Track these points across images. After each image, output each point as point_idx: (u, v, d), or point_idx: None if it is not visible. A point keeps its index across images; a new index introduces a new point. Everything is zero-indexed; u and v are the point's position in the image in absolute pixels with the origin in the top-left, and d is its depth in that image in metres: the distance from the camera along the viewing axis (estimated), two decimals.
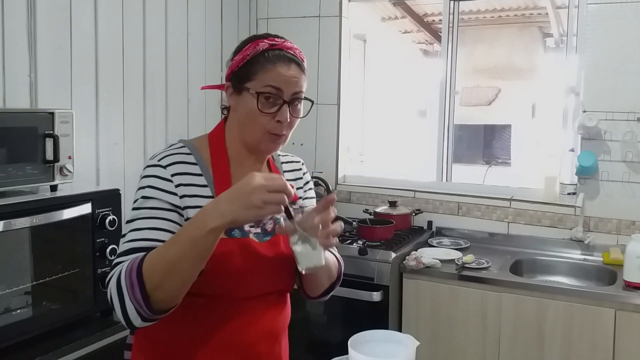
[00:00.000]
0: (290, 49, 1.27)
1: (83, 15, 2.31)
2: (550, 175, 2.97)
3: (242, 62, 1.25)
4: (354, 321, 2.61)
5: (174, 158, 1.24)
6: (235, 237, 1.22)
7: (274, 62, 1.23)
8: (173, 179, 1.21)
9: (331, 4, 3.32)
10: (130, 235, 1.17)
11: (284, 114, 1.23)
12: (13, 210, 1.69)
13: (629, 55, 2.70)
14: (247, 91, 1.23)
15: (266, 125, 1.24)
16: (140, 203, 1.19)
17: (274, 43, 1.25)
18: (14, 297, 1.73)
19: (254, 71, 1.23)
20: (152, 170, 1.22)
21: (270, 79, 1.22)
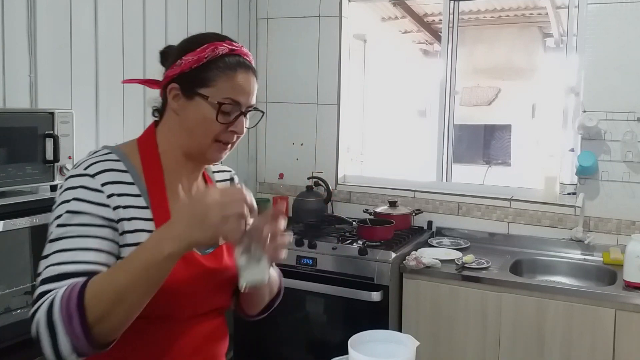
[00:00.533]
0: (247, 55, 1.19)
1: (83, 15, 2.31)
2: (550, 175, 2.97)
3: (196, 64, 1.14)
4: (354, 321, 2.61)
5: (102, 165, 1.10)
6: None
7: (234, 70, 1.15)
8: (104, 189, 1.08)
9: (331, 4, 3.32)
10: (56, 258, 1.02)
11: (241, 125, 1.17)
12: (13, 210, 1.69)
13: (629, 55, 2.71)
14: (203, 98, 1.13)
15: (219, 134, 1.15)
16: (66, 219, 1.05)
17: (233, 48, 1.16)
18: (14, 297, 1.73)
19: (212, 77, 1.13)
20: (77, 180, 1.08)
21: (230, 89, 1.14)
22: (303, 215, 3.14)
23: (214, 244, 1.10)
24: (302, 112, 3.41)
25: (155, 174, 1.17)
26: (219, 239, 0.98)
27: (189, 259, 1.13)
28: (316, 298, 2.71)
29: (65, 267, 1.01)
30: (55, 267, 1.01)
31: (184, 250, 0.97)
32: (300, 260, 2.72)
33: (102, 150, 1.16)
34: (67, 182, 1.10)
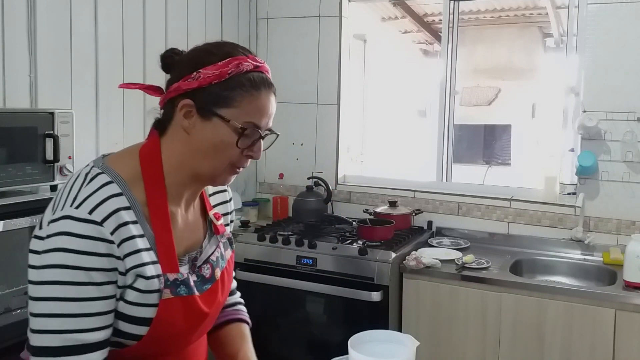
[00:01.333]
0: (269, 72, 1.10)
1: (83, 15, 2.31)
2: (550, 175, 2.97)
3: (217, 80, 1.02)
4: (354, 321, 2.61)
5: (108, 207, 0.98)
6: (181, 295, 1.06)
7: (258, 89, 1.05)
8: (113, 237, 0.97)
9: (331, 4, 3.32)
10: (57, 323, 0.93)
11: (259, 150, 1.08)
12: (13, 210, 1.69)
13: (629, 55, 2.70)
14: (222, 120, 1.02)
15: (234, 159, 1.06)
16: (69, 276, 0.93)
17: (257, 64, 1.06)
18: (14, 297, 1.73)
19: (235, 97, 1.03)
20: (81, 227, 0.95)
21: (254, 111, 1.04)
22: (303, 215, 3.14)
23: (189, 270, 1.09)
24: (302, 112, 3.41)
25: (161, 206, 1.05)
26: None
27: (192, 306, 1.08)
28: (316, 298, 2.71)
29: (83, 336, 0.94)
30: (64, 336, 0.93)
31: None
32: (300, 260, 2.72)
33: (100, 176, 1.02)
34: (65, 224, 0.95)
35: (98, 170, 1.03)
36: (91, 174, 1.03)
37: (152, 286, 1.02)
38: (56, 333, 0.93)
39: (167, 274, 1.05)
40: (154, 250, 1.03)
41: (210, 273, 1.15)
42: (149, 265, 1.02)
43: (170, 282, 1.05)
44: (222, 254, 1.21)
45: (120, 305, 1.01)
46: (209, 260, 1.16)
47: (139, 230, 1.01)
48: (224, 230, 1.24)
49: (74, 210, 0.96)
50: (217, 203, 1.26)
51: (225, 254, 1.22)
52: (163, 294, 1.03)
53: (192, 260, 1.13)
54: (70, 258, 0.94)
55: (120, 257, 0.98)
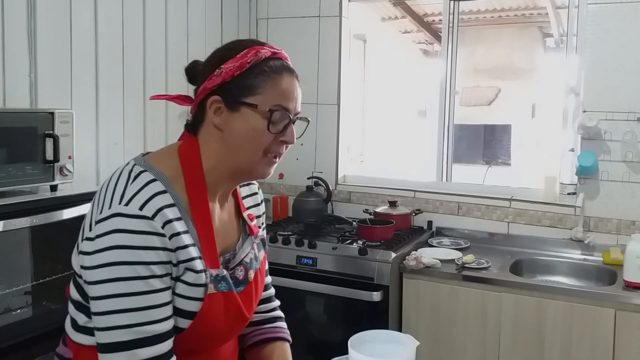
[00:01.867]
0: (288, 59, 1.12)
1: (83, 15, 2.31)
2: (550, 175, 2.97)
3: (239, 71, 1.05)
4: (354, 321, 2.61)
5: (156, 203, 0.99)
6: (222, 290, 1.07)
7: (280, 73, 1.07)
8: (164, 230, 0.99)
9: (331, 4, 3.32)
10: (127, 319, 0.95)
11: (292, 134, 1.09)
12: (13, 210, 1.69)
13: (629, 55, 2.71)
14: (250, 107, 1.04)
15: (269, 146, 1.07)
16: (127, 271, 0.95)
17: (275, 51, 1.09)
18: (14, 297, 1.73)
19: (258, 83, 1.05)
20: (133, 223, 0.96)
21: (278, 94, 1.06)
22: (303, 215, 3.14)
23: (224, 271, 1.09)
24: (302, 112, 3.41)
25: (202, 203, 1.07)
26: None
27: (232, 302, 1.10)
28: (316, 298, 2.71)
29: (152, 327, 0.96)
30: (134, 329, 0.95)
31: None
32: (300, 260, 2.72)
33: (144, 175, 1.03)
34: (119, 222, 0.96)
35: (141, 169, 1.05)
36: (134, 171, 1.04)
37: (200, 280, 1.04)
38: (125, 328, 0.95)
39: (210, 269, 1.06)
40: (197, 247, 1.05)
41: (244, 275, 1.16)
42: (196, 259, 1.04)
43: (213, 278, 1.06)
44: (255, 255, 1.22)
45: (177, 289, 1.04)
46: (243, 262, 1.17)
47: (183, 226, 1.03)
48: (258, 231, 1.25)
49: (124, 207, 0.98)
50: (250, 205, 1.27)
51: (259, 255, 1.24)
52: (208, 289, 1.05)
53: (226, 262, 1.15)
54: (127, 254, 0.95)
55: (172, 249, 1.00)
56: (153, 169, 1.05)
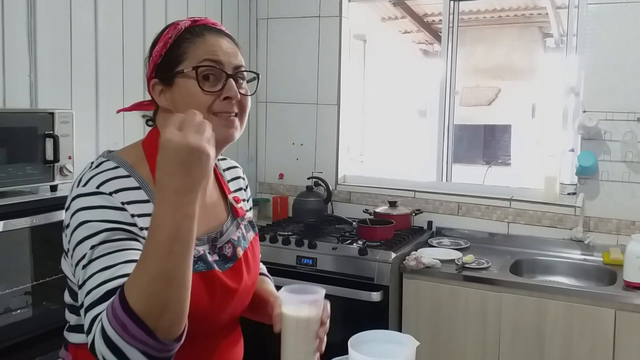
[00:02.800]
0: (215, 24, 1.13)
1: (83, 15, 2.31)
2: (550, 175, 2.97)
3: (165, 49, 1.08)
4: (354, 321, 2.60)
5: (116, 184, 1.01)
6: (200, 271, 1.07)
7: (201, 35, 1.08)
8: (127, 207, 1.00)
9: (331, 4, 3.32)
10: (96, 280, 0.93)
11: (232, 88, 1.07)
12: (13, 210, 1.69)
13: (629, 55, 2.71)
14: (181, 75, 1.06)
15: (211, 105, 1.06)
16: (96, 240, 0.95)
17: (195, 19, 1.12)
18: (14, 297, 1.73)
19: (183, 51, 1.07)
20: (94, 199, 0.98)
21: (204, 52, 1.06)
22: (303, 215, 3.14)
23: (209, 249, 1.09)
24: (302, 112, 3.41)
25: None
26: (209, 150, 0.89)
27: (214, 281, 1.09)
28: None
29: (110, 284, 0.92)
30: (98, 290, 0.93)
31: (194, 195, 0.88)
32: (300, 260, 2.72)
33: (107, 162, 1.06)
34: (79, 201, 0.99)
35: (103, 159, 1.08)
36: (97, 162, 1.07)
37: None
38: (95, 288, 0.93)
39: None
40: None
41: (232, 252, 1.17)
42: None
43: None
44: (243, 235, 1.23)
45: None
46: (230, 240, 1.18)
47: (151, 208, 0.98)
48: (244, 214, 1.26)
49: (82, 188, 1.00)
50: (235, 189, 1.29)
51: (247, 235, 1.25)
52: None
53: (212, 240, 1.15)
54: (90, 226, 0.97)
55: (136, 225, 1.00)
56: (116, 157, 1.08)
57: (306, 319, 1.13)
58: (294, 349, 1.14)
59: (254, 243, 1.27)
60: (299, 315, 1.13)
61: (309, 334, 1.15)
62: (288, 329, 1.14)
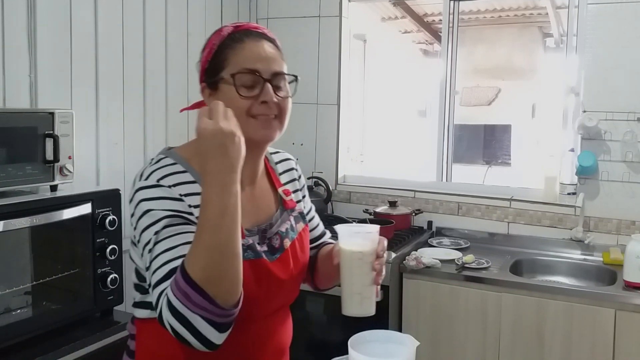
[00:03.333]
0: (257, 27, 1.19)
1: (83, 15, 2.31)
2: (550, 175, 2.97)
3: (210, 55, 1.17)
4: (354, 321, 2.60)
5: (175, 179, 1.11)
6: (249, 259, 1.14)
7: (242, 41, 1.15)
8: (185, 199, 1.10)
9: (331, 4, 3.32)
10: (160, 260, 1.03)
11: (268, 92, 1.13)
12: (13, 210, 1.69)
13: (629, 55, 2.71)
14: (223, 81, 1.14)
15: (250, 109, 1.13)
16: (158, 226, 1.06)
17: (238, 25, 1.19)
18: (14, 297, 1.73)
19: (224, 57, 1.14)
20: (154, 191, 1.09)
21: (243, 60, 1.13)
22: None
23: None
24: (302, 112, 3.41)
25: None
26: (238, 132, 1.00)
27: (261, 269, 1.16)
28: (316, 298, 2.70)
29: (173, 263, 1.02)
30: (162, 268, 1.03)
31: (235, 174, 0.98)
32: None
33: (165, 159, 1.14)
34: (142, 193, 1.09)
35: (162, 156, 1.16)
36: (156, 158, 1.16)
37: None
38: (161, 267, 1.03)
39: None
40: None
41: (279, 243, 1.23)
42: None
43: None
44: (292, 226, 1.28)
45: None
46: (279, 232, 1.24)
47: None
48: (294, 205, 1.33)
49: (144, 182, 1.10)
50: (286, 181, 1.36)
51: (296, 226, 1.30)
52: None
53: (262, 232, 1.22)
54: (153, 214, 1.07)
55: (193, 214, 1.08)
56: (173, 153, 1.17)
57: (359, 251, 1.18)
58: (349, 280, 1.19)
59: (302, 234, 1.32)
60: (353, 249, 1.18)
61: (364, 266, 1.18)
62: (344, 262, 1.19)
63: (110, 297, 1.99)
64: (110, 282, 1.97)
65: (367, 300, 1.22)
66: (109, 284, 1.97)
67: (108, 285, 1.97)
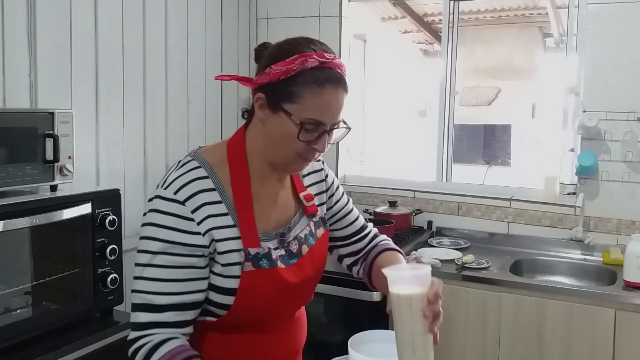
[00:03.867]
0: (339, 67, 1.15)
1: (83, 15, 2.31)
2: (550, 175, 2.97)
3: (284, 76, 1.09)
4: (354, 321, 2.61)
5: (192, 189, 1.11)
6: (263, 267, 1.15)
7: (322, 85, 1.09)
8: (194, 215, 1.10)
9: (331, 4, 3.32)
10: (147, 285, 1.08)
11: (324, 144, 1.14)
12: (13, 210, 1.69)
13: (629, 55, 2.71)
14: (287, 115, 1.09)
15: (300, 151, 1.13)
16: (156, 246, 1.09)
17: (324, 60, 1.10)
18: (14, 297, 1.73)
19: (298, 93, 1.08)
20: (167, 205, 1.10)
21: (316, 108, 1.09)
22: None
23: (277, 244, 1.19)
24: None
25: (243, 186, 1.16)
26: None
27: (276, 277, 1.17)
28: (316, 298, 2.68)
29: (156, 298, 1.08)
30: (145, 296, 1.08)
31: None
32: None
33: (191, 162, 1.15)
34: (156, 203, 1.11)
35: (189, 158, 1.17)
36: (183, 160, 1.17)
37: (231, 259, 1.13)
38: (139, 292, 1.09)
39: (249, 248, 1.14)
40: (237, 227, 1.14)
41: (297, 249, 1.24)
42: (227, 240, 1.13)
43: (252, 256, 1.14)
44: (311, 232, 1.29)
45: (210, 277, 1.14)
46: (297, 237, 1.25)
47: (223, 209, 1.13)
48: (315, 211, 1.31)
49: (163, 190, 1.12)
50: (310, 183, 1.34)
51: (316, 232, 1.30)
52: (245, 267, 1.13)
53: (280, 235, 1.22)
54: (157, 231, 1.09)
55: (201, 232, 1.10)
56: (200, 157, 1.17)
57: (407, 296, 1.06)
58: (400, 329, 1.07)
59: (322, 240, 1.32)
60: (400, 293, 1.07)
61: (414, 313, 1.06)
62: (393, 308, 1.08)
63: (110, 297, 1.99)
64: (110, 282, 1.97)
65: (421, 350, 1.08)
66: (109, 284, 1.97)
67: (108, 285, 1.97)
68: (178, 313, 1.10)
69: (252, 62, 3.40)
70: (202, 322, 1.18)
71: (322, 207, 1.35)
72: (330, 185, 1.39)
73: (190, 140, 2.91)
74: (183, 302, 1.10)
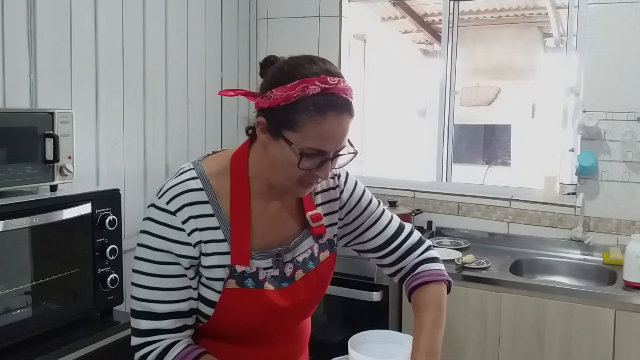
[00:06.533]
0: (344, 91, 1.06)
1: (83, 15, 2.31)
2: (550, 175, 2.97)
3: (284, 103, 1.03)
4: (354, 321, 2.61)
5: (183, 200, 1.10)
6: (248, 287, 1.12)
7: (323, 113, 1.03)
8: (185, 226, 1.09)
9: (331, 4, 3.32)
10: (141, 292, 1.10)
11: (327, 171, 1.10)
12: (13, 210, 1.69)
13: (629, 55, 2.71)
14: (287, 143, 1.05)
15: (302, 177, 1.09)
16: (150, 255, 1.10)
17: (326, 87, 1.03)
18: (14, 297, 1.73)
19: (299, 121, 1.03)
20: (160, 215, 1.10)
21: (317, 137, 1.04)
22: None
23: (272, 264, 1.17)
24: None
25: (242, 201, 1.13)
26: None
27: (260, 299, 1.14)
28: None
29: (155, 306, 1.09)
30: (145, 304, 1.10)
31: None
32: None
33: (189, 172, 1.13)
34: (151, 211, 1.11)
35: (190, 167, 1.15)
36: (183, 168, 1.16)
37: (215, 274, 1.11)
38: (138, 300, 1.11)
39: (236, 265, 1.12)
40: (228, 242, 1.12)
41: (291, 273, 1.19)
42: (214, 255, 1.11)
43: (238, 274, 1.12)
44: (312, 256, 1.22)
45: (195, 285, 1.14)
46: (294, 260, 1.19)
47: (214, 222, 1.11)
48: (322, 232, 1.24)
49: (157, 199, 1.12)
50: (322, 202, 1.26)
51: (319, 256, 1.23)
52: (227, 284, 1.11)
53: (277, 255, 1.18)
54: (151, 240, 1.10)
55: (191, 244, 1.10)
56: (200, 167, 1.15)
57: None
58: None
59: (325, 264, 1.24)
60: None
61: None
62: None
63: (110, 297, 1.99)
64: (110, 282, 1.97)
65: None
66: (108, 284, 1.97)
67: (108, 285, 1.97)
68: (178, 320, 1.11)
69: (252, 62, 3.42)
70: (195, 326, 1.18)
71: (333, 227, 1.27)
72: (346, 203, 1.29)
73: (190, 140, 2.91)
74: (182, 309, 1.11)
